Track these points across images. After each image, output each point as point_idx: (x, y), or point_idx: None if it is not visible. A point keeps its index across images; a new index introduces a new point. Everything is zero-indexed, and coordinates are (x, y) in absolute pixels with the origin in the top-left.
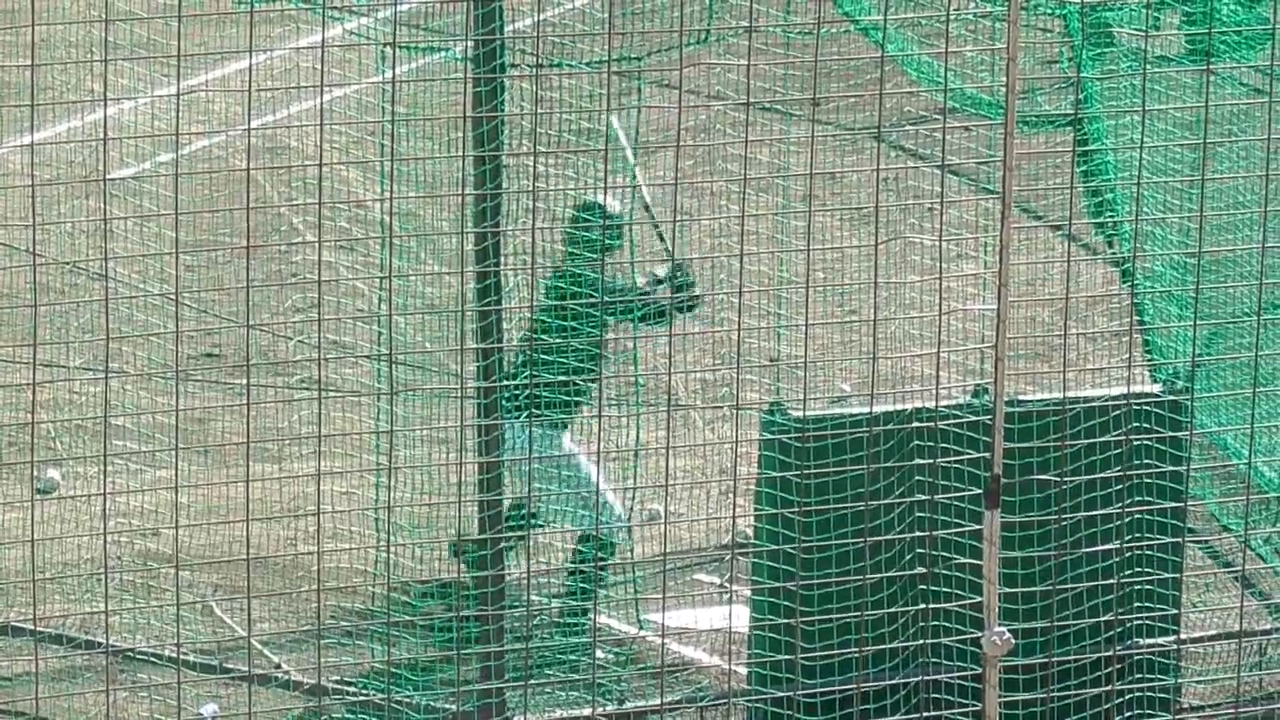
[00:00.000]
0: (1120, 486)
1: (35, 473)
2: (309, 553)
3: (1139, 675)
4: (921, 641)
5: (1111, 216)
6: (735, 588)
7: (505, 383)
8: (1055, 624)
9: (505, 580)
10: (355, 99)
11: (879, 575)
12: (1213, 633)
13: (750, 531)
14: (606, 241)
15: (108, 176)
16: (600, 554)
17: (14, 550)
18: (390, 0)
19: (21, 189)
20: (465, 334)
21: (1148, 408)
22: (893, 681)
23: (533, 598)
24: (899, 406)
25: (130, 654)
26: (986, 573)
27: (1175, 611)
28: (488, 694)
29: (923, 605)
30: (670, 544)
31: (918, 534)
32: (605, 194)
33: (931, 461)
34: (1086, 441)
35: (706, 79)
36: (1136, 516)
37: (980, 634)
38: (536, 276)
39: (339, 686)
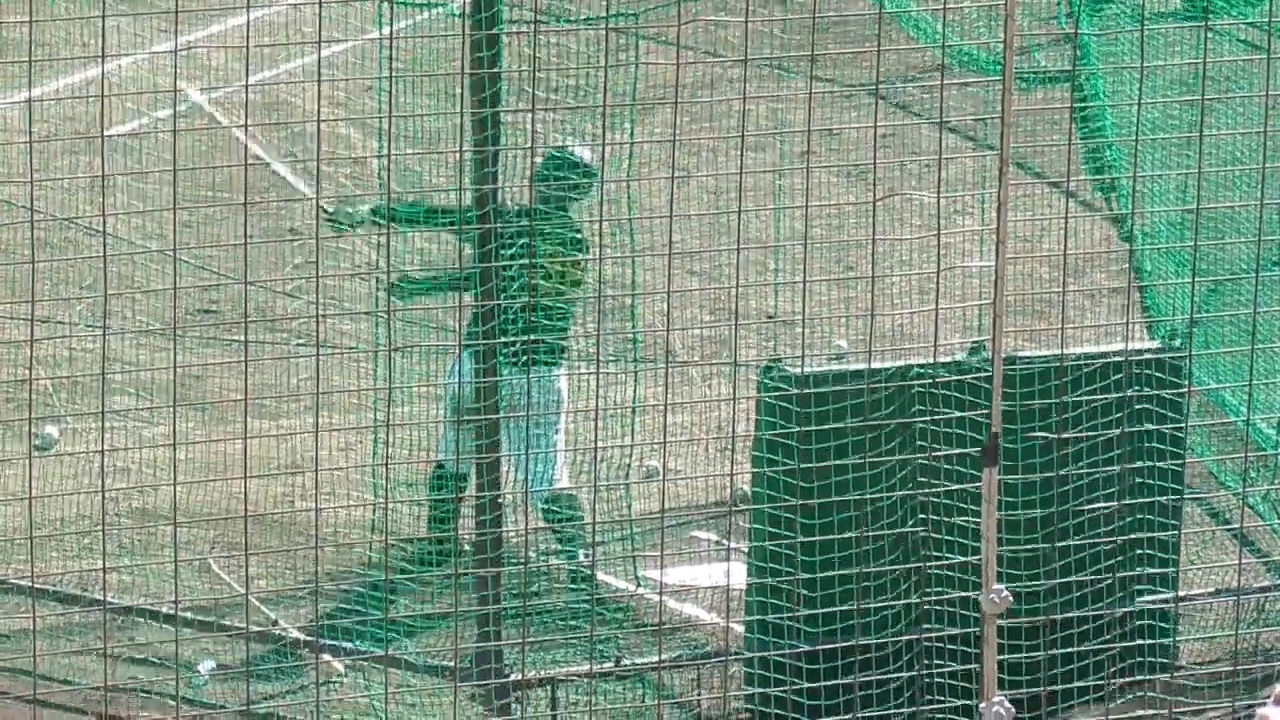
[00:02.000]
0: (1120, 446)
1: (33, 429)
2: (306, 509)
3: (1137, 632)
4: (920, 600)
5: (1109, 173)
6: (733, 545)
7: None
8: (1054, 582)
9: (503, 537)
10: (353, 55)
11: (877, 533)
12: (1211, 590)
13: (747, 489)
14: (576, 191)
15: (106, 133)
16: (569, 514)
17: (12, 507)
18: None
19: (19, 145)
20: (463, 291)
21: (1146, 365)
22: (891, 639)
23: (530, 555)
24: (897, 363)
25: (128, 611)
26: (985, 530)
27: (1174, 569)
28: (485, 651)
29: (921, 564)
30: (668, 501)
31: (916, 492)
32: (577, 143)
33: (929, 419)
34: (1085, 399)
35: (705, 35)
36: (1135, 474)
37: (978, 592)
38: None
39: (337, 643)
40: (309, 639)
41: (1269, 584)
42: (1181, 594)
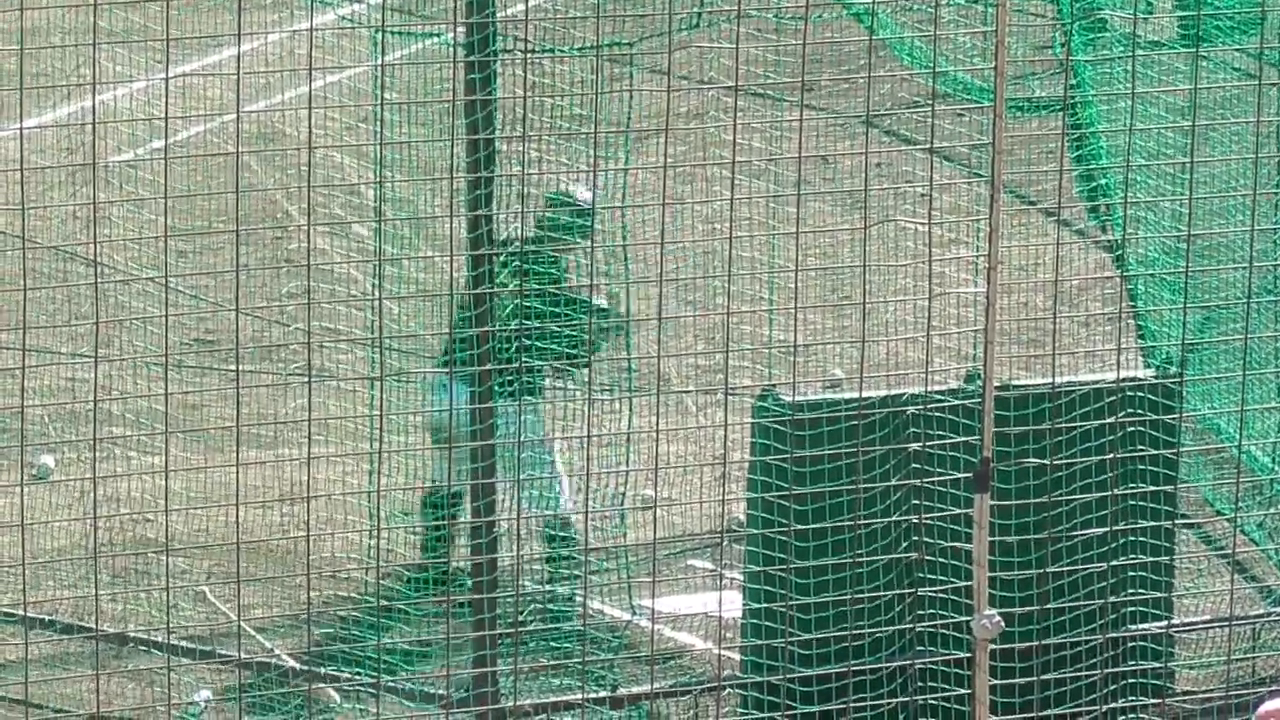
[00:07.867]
0: (1113, 472)
1: (28, 458)
2: (301, 537)
3: (1131, 660)
4: (913, 626)
5: (1104, 201)
6: (727, 573)
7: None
8: (1047, 608)
9: (498, 566)
10: (348, 84)
11: (870, 560)
12: (1205, 617)
13: (743, 517)
14: (576, 232)
15: (101, 162)
16: (563, 540)
17: (6, 535)
18: None
19: (13, 175)
20: (457, 319)
21: (1140, 392)
22: (884, 665)
23: (524, 583)
24: (890, 391)
25: (123, 639)
26: (976, 556)
27: (1167, 596)
28: (480, 679)
29: (914, 590)
30: (662, 529)
31: (909, 518)
32: (578, 184)
33: (923, 446)
34: (1079, 425)
35: (698, 64)
36: (1129, 501)
37: (971, 618)
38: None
39: (332, 672)
40: (304, 667)
41: (1264, 611)
42: (1175, 621)
